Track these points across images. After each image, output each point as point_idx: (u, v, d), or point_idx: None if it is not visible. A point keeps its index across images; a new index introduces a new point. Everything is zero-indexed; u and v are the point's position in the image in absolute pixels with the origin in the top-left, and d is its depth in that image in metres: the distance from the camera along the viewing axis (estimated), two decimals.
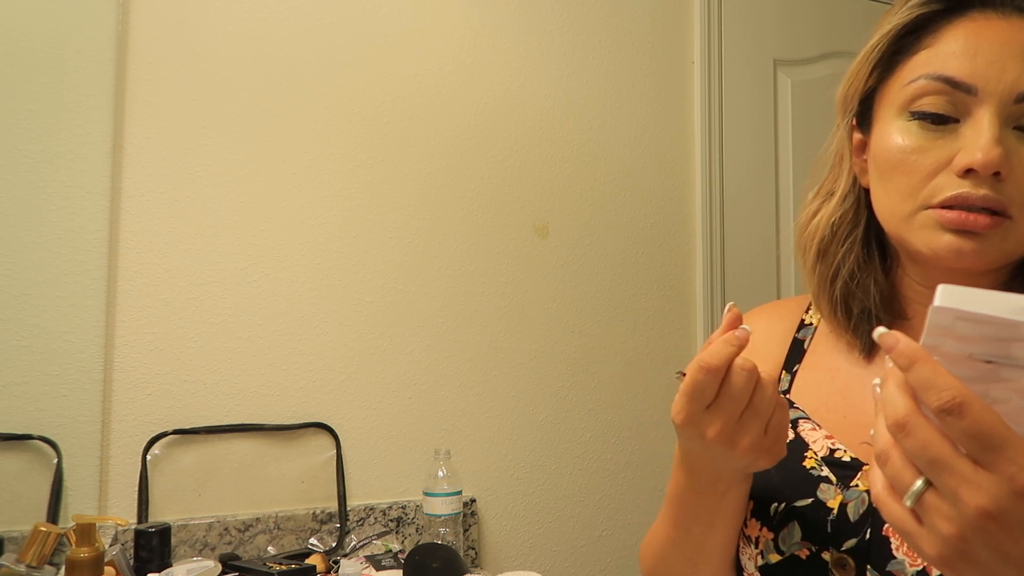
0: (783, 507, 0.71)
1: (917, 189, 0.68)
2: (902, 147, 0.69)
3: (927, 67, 0.68)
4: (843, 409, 0.76)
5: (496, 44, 1.82)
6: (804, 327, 0.85)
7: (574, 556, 1.85)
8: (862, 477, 0.69)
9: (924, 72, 0.68)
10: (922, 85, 0.68)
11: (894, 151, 0.69)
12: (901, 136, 0.69)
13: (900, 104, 0.70)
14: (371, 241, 1.68)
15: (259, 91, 1.60)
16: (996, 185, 0.65)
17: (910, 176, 0.68)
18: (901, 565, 0.64)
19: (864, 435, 0.74)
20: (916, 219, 0.68)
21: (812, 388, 0.80)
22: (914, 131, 0.68)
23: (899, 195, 0.70)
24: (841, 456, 0.72)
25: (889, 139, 0.70)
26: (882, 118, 0.72)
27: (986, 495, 0.43)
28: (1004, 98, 0.65)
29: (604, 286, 1.91)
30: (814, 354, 0.82)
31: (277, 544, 1.53)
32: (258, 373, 1.58)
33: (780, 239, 2.12)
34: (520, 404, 1.81)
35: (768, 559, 0.71)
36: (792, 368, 0.83)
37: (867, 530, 0.66)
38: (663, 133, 2.00)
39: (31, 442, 1.39)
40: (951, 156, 0.67)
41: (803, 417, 0.77)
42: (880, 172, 0.72)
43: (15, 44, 1.41)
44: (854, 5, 2.22)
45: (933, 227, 0.67)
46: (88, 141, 1.45)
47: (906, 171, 0.69)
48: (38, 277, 1.41)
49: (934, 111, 0.67)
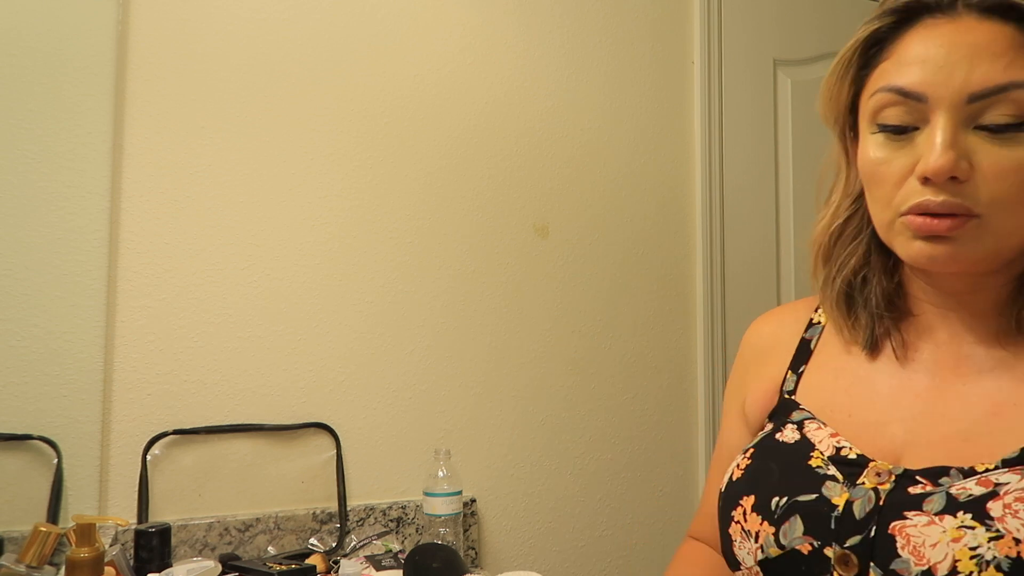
0: (785, 501, 0.71)
1: (890, 198, 0.71)
2: (872, 159, 0.72)
3: (883, 79, 0.71)
4: (848, 407, 0.77)
5: (496, 44, 1.82)
6: (812, 326, 0.86)
7: (574, 556, 1.85)
8: (868, 474, 0.69)
9: (880, 85, 0.71)
10: (879, 98, 0.71)
11: (868, 163, 0.73)
12: (872, 148, 0.72)
13: (868, 117, 0.73)
14: (371, 241, 1.68)
15: (259, 91, 1.60)
16: (956, 188, 0.66)
17: (883, 186, 0.71)
18: (906, 564, 0.63)
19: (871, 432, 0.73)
20: (894, 227, 0.71)
21: (818, 387, 0.80)
22: (880, 142, 0.72)
23: (879, 205, 0.72)
24: (847, 454, 0.72)
25: (864, 152, 0.74)
26: (861, 131, 0.75)
27: None
28: (955, 101, 0.67)
29: (604, 286, 1.91)
30: (821, 353, 0.83)
31: (277, 544, 1.53)
32: (258, 373, 1.58)
33: (780, 239, 2.12)
34: (520, 404, 1.81)
35: (768, 553, 0.71)
36: (799, 368, 0.83)
37: (872, 527, 0.66)
38: (663, 133, 2.00)
39: (31, 442, 1.39)
40: (913, 163, 0.69)
41: (809, 417, 0.78)
42: (865, 183, 0.75)
43: (15, 44, 1.41)
44: (854, 5, 2.22)
45: (906, 235, 0.70)
46: (88, 141, 1.45)
47: (879, 182, 0.71)
48: (38, 277, 1.41)
49: (893, 123, 0.70)
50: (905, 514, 0.65)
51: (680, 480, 1.96)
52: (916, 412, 0.73)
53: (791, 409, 0.80)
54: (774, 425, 0.80)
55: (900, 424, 0.73)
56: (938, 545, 0.62)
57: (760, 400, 0.85)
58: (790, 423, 0.78)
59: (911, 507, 0.65)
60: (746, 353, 0.92)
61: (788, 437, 0.77)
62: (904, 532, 0.64)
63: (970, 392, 0.71)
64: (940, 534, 0.62)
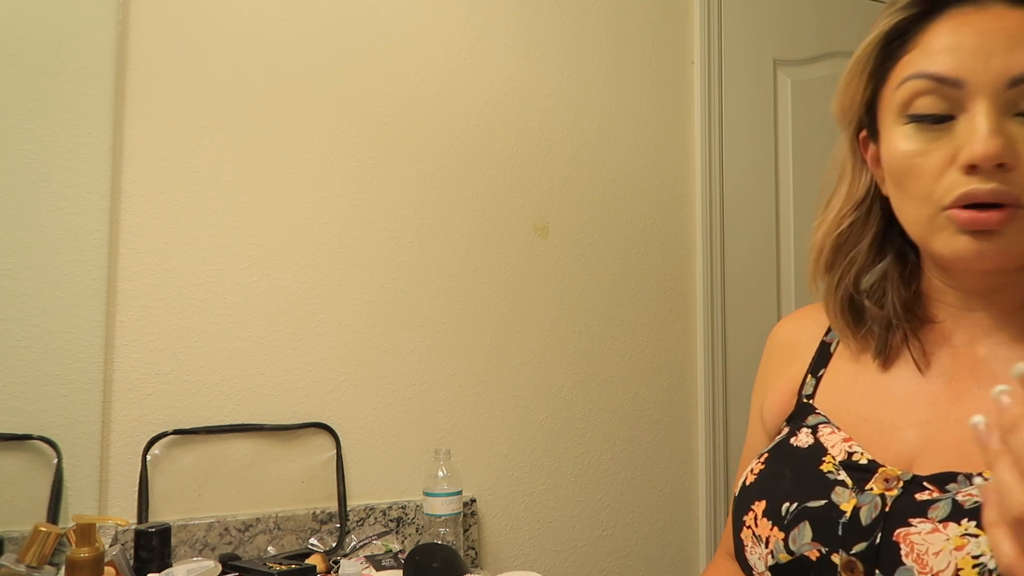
0: (795, 507, 0.70)
1: (929, 192, 0.67)
2: (906, 152, 0.69)
3: (912, 68, 0.69)
4: (864, 412, 0.76)
5: (496, 44, 1.82)
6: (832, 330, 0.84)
7: (574, 556, 1.85)
8: (877, 480, 0.68)
9: (910, 73, 0.69)
10: (911, 86, 0.68)
11: (900, 157, 0.69)
12: (903, 141, 0.69)
13: (896, 109, 0.70)
14: (371, 241, 1.68)
15: (259, 91, 1.60)
16: (1004, 176, 0.64)
17: (919, 181, 0.68)
18: (909, 572, 0.62)
19: (885, 437, 0.72)
20: (935, 223, 0.68)
21: (835, 392, 0.79)
22: (913, 134, 0.68)
23: (915, 201, 0.69)
24: (858, 459, 0.71)
25: (893, 146, 0.70)
26: (885, 126, 0.72)
27: None
28: (994, 87, 0.65)
29: (604, 286, 1.91)
30: (840, 357, 0.81)
31: (277, 544, 1.53)
32: (258, 373, 1.58)
33: (780, 239, 2.12)
34: (520, 404, 1.81)
35: (778, 559, 0.70)
36: (818, 372, 0.82)
37: (878, 534, 0.65)
38: (663, 133, 2.00)
39: (31, 442, 1.38)
40: (953, 154, 0.66)
41: (823, 422, 0.77)
42: (893, 180, 0.71)
43: (15, 44, 1.40)
44: (854, 5, 2.22)
45: (950, 230, 0.66)
46: (88, 141, 1.45)
47: (915, 175, 0.68)
48: (38, 277, 1.41)
49: (928, 112, 0.67)
50: (910, 521, 0.64)
51: (680, 480, 1.96)
52: (931, 416, 0.72)
53: (807, 413, 0.79)
54: (790, 429, 0.79)
55: (915, 428, 0.72)
56: (941, 553, 0.61)
57: (777, 403, 0.84)
58: (805, 427, 0.77)
59: (916, 514, 0.64)
60: (769, 355, 0.91)
61: (802, 442, 0.76)
62: (908, 539, 0.64)
63: (986, 396, 0.69)
64: (943, 542, 0.62)
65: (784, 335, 0.90)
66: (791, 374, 0.85)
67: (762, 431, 0.87)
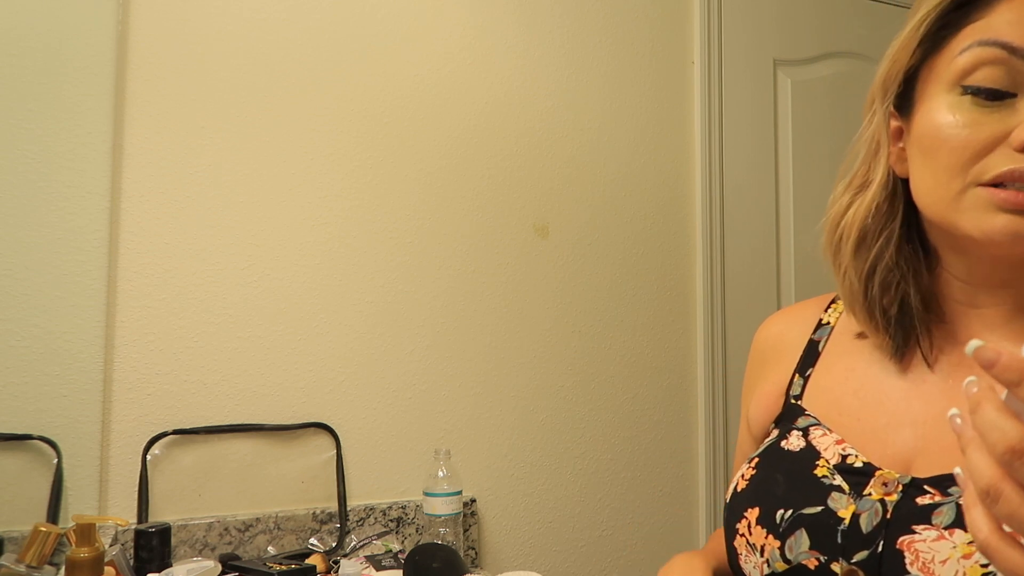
0: (790, 514, 0.68)
1: (967, 166, 0.63)
2: (953, 123, 0.64)
3: (981, 34, 0.63)
4: (857, 411, 0.73)
5: (496, 44, 1.82)
6: (821, 327, 0.81)
7: (574, 556, 1.85)
8: (875, 484, 0.66)
9: (976, 39, 0.63)
10: (976, 53, 0.63)
11: (944, 127, 0.64)
12: (952, 112, 0.64)
13: (951, 79, 0.65)
14: (371, 241, 1.68)
15: (259, 91, 1.60)
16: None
17: (960, 153, 0.63)
18: None
19: (880, 438, 0.70)
20: (965, 198, 0.63)
21: (825, 391, 0.76)
22: (966, 106, 0.63)
23: (946, 174, 0.64)
24: (853, 462, 0.68)
25: (938, 115, 0.65)
26: (928, 96, 0.67)
27: None
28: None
29: (604, 286, 1.91)
30: (829, 355, 0.78)
31: (277, 544, 1.53)
32: (258, 373, 1.58)
33: (780, 239, 2.12)
34: (520, 404, 1.81)
35: (775, 568, 0.67)
36: (805, 372, 0.79)
37: (880, 542, 0.62)
38: (663, 133, 2.00)
39: (31, 442, 1.39)
40: (1007, 131, 0.61)
41: (814, 424, 0.74)
42: (924, 152, 0.66)
43: (15, 44, 1.40)
44: (854, 5, 2.22)
45: (984, 207, 0.62)
46: (88, 141, 1.45)
47: (956, 147, 0.63)
48: (38, 277, 1.41)
49: (989, 85, 0.62)
50: (913, 528, 0.62)
51: (680, 480, 1.96)
52: (929, 416, 0.69)
53: (796, 415, 0.76)
54: (779, 432, 0.76)
55: (911, 428, 0.69)
56: (948, 562, 0.59)
57: (764, 405, 0.81)
58: (795, 429, 0.75)
59: (919, 520, 0.62)
60: (754, 356, 0.88)
61: (793, 445, 0.73)
62: (912, 548, 0.61)
63: None
64: (950, 550, 0.59)
65: (770, 334, 0.87)
66: (777, 375, 0.82)
67: (749, 434, 0.85)
